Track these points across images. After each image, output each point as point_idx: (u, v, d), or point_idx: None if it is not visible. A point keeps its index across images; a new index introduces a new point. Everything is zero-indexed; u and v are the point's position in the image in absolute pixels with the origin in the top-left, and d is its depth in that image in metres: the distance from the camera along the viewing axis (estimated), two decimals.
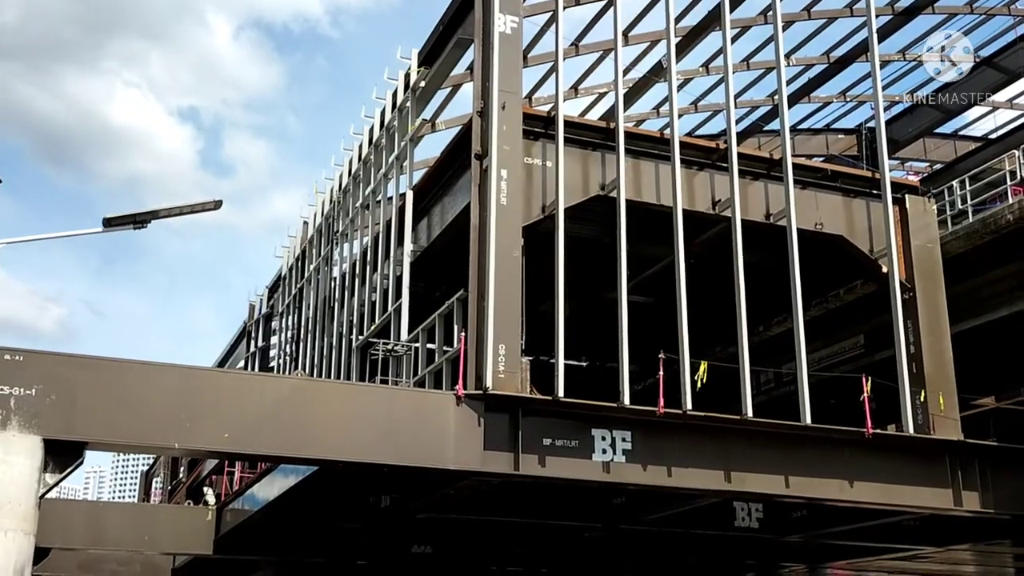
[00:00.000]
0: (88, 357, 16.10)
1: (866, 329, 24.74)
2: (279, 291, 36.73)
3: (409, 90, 22.70)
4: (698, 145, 21.84)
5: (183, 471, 46.06)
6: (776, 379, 25.51)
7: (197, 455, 29.59)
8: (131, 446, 17.87)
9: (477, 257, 18.23)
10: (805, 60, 34.20)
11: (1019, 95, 35.93)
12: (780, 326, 24.49)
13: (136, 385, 16.00)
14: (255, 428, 16.55)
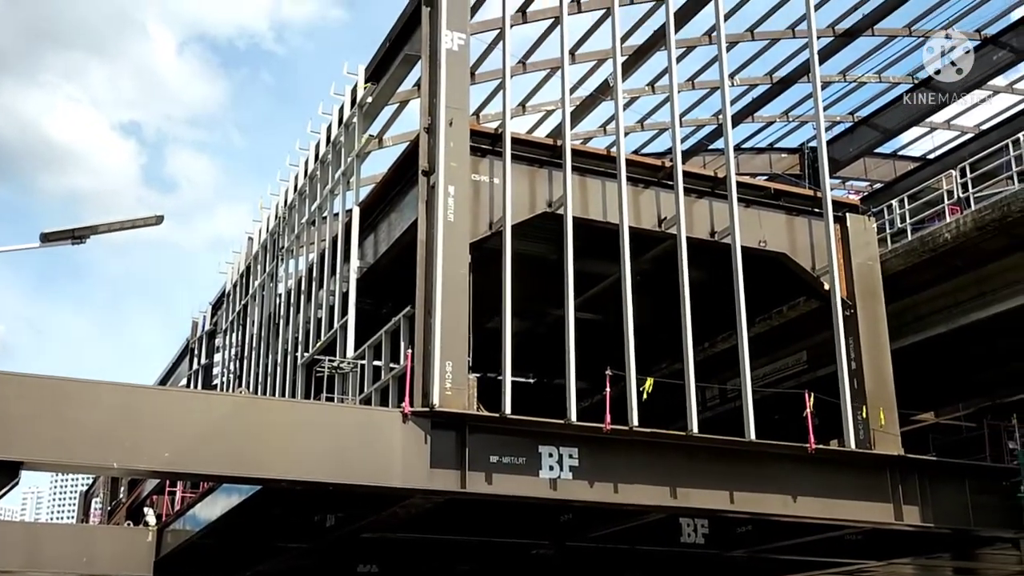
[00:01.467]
0: (24, 375, 15.75)
1: (809, 345, 25.05)
2: (223, 308, 36.28)
3: (356, 106, 22.61)
4: (644, 163, 22.02)
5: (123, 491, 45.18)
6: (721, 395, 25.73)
7: (137, 475, 29.04)
8: (69, 466, 17.56)
9: (424, 274, 18.16)
10: (749, 80, 34.68)
11: (955, 116, 36.76)
12: (725, 342, 24.76)
13: (74, 404, 15.69)
14: (197, 447, 16.30)
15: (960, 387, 29.34)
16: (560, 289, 19.08)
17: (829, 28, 31.69)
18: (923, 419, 29.53)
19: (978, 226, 22.30)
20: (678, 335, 19.80)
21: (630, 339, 19.14)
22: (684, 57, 30.28)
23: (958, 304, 24.26)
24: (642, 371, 19.08)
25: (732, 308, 20.46)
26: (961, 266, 23.62)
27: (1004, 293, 23.14)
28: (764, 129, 38.77)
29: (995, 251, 22.81)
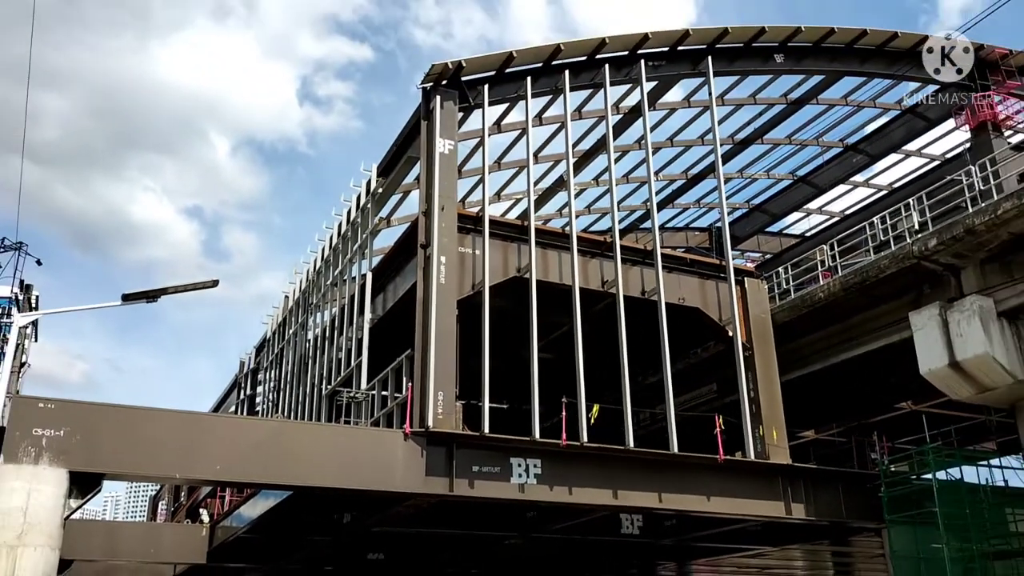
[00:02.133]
0: (106, 404, 15.49)
1: (718, 379, 25.01)
2: (264, 350, 35.89)
3: (370, 195, 22.67)
4: (591, 239, 22.13)
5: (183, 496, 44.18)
6: (651, 418, 25.60)
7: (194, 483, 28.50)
8: (141, 476, 17.16)
9: (421, 324, 18.10)
10: (669, 176, 34.98)
11: (826, 204, 37.20)
12: (654, 376, 24.66)
13: (145, 427, 15.45)
14: (242, 461, 16.05)
15: (834, 410, 29.39)
16: (526, 335, 19.06)
17: (729, 138, 32.13)
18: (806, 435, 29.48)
19: (844, 287, 22.48)
20: (618, 370, 19.79)
21: (580, 374, 19.10)
22: (620, 159, 30.59)
23: (831, 347, 24.35)
24: (590, 399, 19.01)
25: (659, 350, 20.50)
26: (832, 318, 23.78)
27: (866, 339, 23.27)
28: (681, 213, 38.96)
29: (858, 306, 22.98)
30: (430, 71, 20.15)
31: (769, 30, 24.65)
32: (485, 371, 18.18)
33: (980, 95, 26.57)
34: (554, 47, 21.93)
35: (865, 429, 28.13)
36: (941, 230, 19.98)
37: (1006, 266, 19.62)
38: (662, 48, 23.67)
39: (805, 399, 25.30)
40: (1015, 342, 19.35)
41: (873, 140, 32.79)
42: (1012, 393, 19.72)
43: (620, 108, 25.73)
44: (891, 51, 26.85)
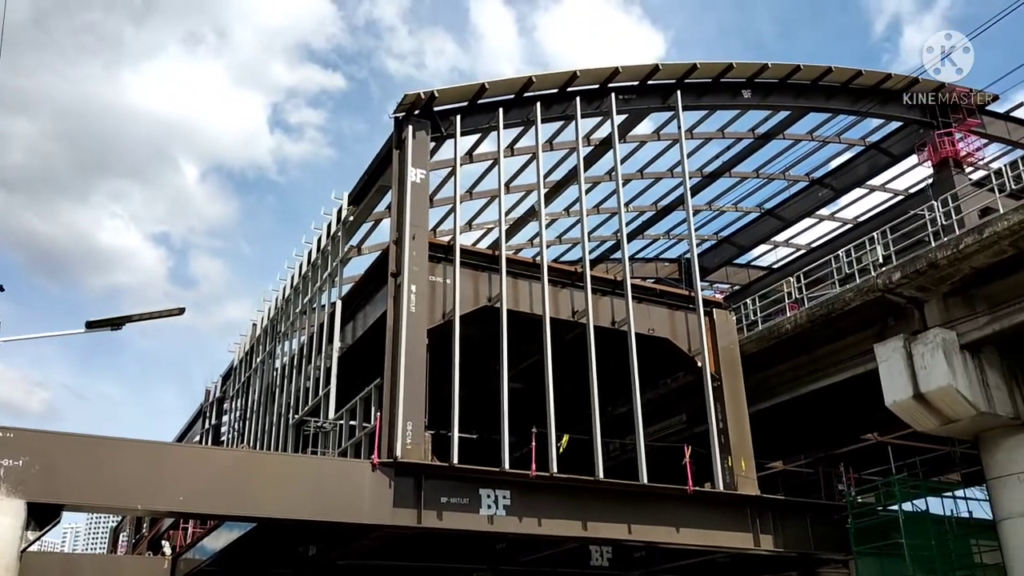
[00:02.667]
0: (67, 434, 15.10)
1: (687, 409, 25.10)
2: (231, 379, 35.38)
3: (340, 223, 22.59)
4: (561, 269, 22.21)
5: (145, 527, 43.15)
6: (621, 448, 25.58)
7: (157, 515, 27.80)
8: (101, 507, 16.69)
9: (391, 353, 17.98)
10: (640, 208, 35.31)
11: (792, 236, 37.72)
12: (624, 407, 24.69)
13: (106, 457, 15.10)
14: (206, 492, 15.72)
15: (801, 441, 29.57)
16: (497, 364, 19.00)
17: (698, 171, 32.55)
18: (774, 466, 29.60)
19: (810, 319, 22.75)
20: (588, 401, 19.77)
21: (550, 404, 19.04)
22: (591, 190, 30.85)
23: (798, 378, 24.57)
24: (560, 429, 18.95)
25: (629, 380, 20.53)
26: (799, 349, 24.02)
27: (832, 370, 23.52)
28: (651, 244, 39.28)
29: (824, 338, 23.25)
30: (403, 101, 20.24)
31: (737, 66, 25.12)
32: (455, 401, 18.07)
33: (941, 132, 27.25)
34: (526, 79, 22.15)
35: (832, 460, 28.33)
36: (905, 264, 20.33)
37: (968, 300, 19.99)
38: (632, 82, 24.02)
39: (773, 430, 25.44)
40: (977, 375, 19.67)
41: (838, 175, 33.40)
42: (975, 425, 20.00)
43: (591, 140, 26.01)
44: (855, 88, 27.48)
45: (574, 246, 36.54)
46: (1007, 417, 19.61)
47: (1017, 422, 19.75)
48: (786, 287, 25.93)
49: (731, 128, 29.79)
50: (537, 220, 22.97)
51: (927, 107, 28.09)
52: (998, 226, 18.09)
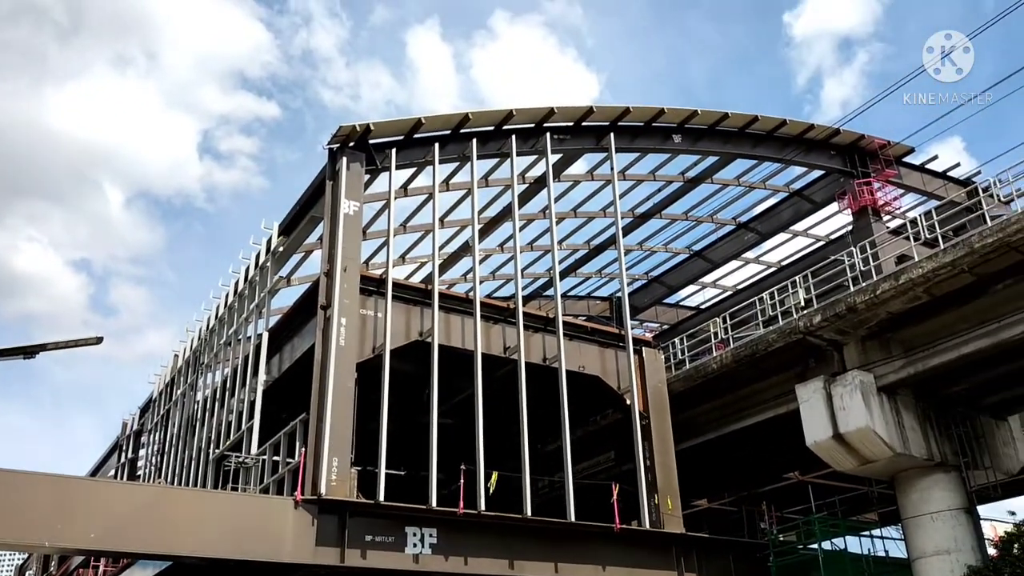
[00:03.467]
0: None
1: (616, 447, 25.20)
2: (150, 411, 34.15)
3: (270, 253, 22.19)
4: (494, 305, 22.23)
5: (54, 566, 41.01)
6: (550, 485, 25.49)
7: (66, 552, 26.48)
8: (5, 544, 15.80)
9: (318, 387, 17.63)
10: (572, 246, 35.64)
11: (719, 278, 38.55)
12: (553, 444, 24.64)
13: (12, 490, 14.29)
14: (119, 528, 15.02)
15: (726, 479, 29.97)
16: (427, 400, 18.79)
17: (630, 211, 33.08)
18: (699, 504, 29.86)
19: (735, 360, 23.18)
20: (518, 437, 19.69)
21: (480, 440, 18.90)
22: (525, 227, 31.04)
23: (723, 417, 24.95)
24: (490, 466, 18.80)
25: (559, 417, 20.53)
26: (725, 389, 24.43)
27: (756, 409, 23.97)
28: (584, 282, 39.61)
29: (748, 378, 23.70)
30: (337, 132, 20.12)
31: (668, 111, 25.78)
32: (383, 436, 17.77)
33: (861, 181, 28.38)
34: (463, 116, 22.29)
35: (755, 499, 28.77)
36: (825, 307, 20.96)
37: (885, 343, 20.69)
38: (567, 122, 24.41)
39: (699, 468, 25.72)
40: (894, 416, 20.30)
41: (763, 219, 34.40)
42: (892, 465, 20.58)
43: (526, 178, 26.25)
44: (780, 136, 28.46)
45: (507, 282, 36.64)
46: (921, 458, 20.25)
47: (931, 463, 20.42)
48: (713, 327, 26.40)
49: (662, 171, 30.45)
50: (471, 255, 22.99)
51: (848, 157, 29.28)
52: (913, 273, 18.84)
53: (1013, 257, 17.54)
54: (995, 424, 22.69)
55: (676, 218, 34.55)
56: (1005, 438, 22.75)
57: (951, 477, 20.59)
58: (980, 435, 21.99)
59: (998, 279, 18.28)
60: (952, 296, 18.94)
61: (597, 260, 37.06)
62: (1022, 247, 17.25)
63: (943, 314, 19.45)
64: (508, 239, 32.15)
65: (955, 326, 19.35)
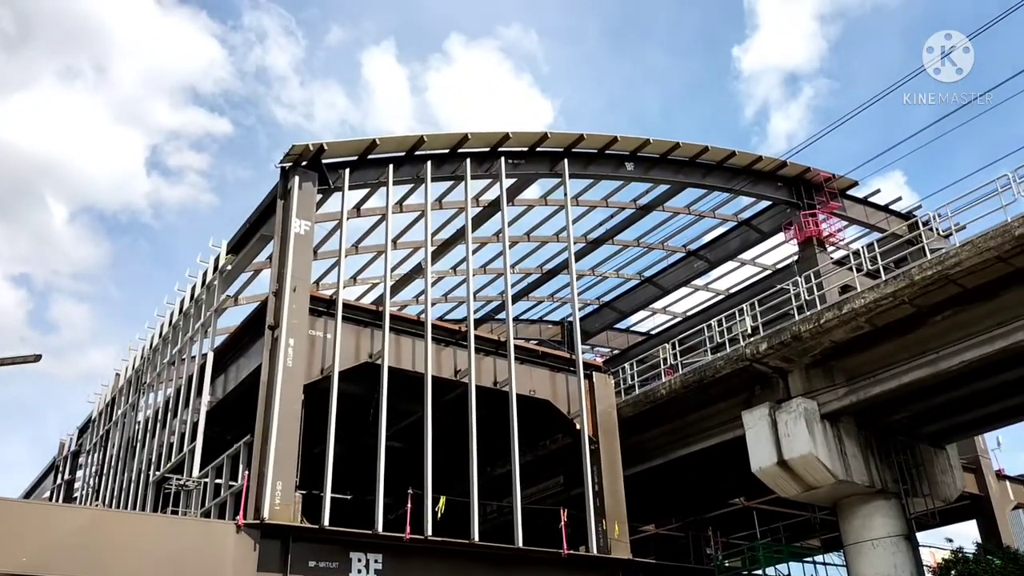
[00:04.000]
0: None
1: (565, 471, 25.20)
2: (89, 432, 33.12)
3: (217, 271, 21.80)
4: (446, 327, 22.13)
5: None
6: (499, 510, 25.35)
7: None
8: None
9: (264, 408, 17.30)
10: (525, 270, 35.70)
11: (669, 304, 38.95)
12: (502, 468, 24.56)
13: None
14: (52, 553, 14.44)
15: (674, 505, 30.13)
16: (375, 422, 18.57)
17: (583, 236, 33.34)
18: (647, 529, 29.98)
19: (684, 385, 23.42)
20: (467, 461, 19.55)
21: (428, 464, 18.71)
22: (478, 250, 31.05)
23: (671, 442, 25.14)
24: (438, 490, 18.60)
25: (508, 441, 20.46)
26: (673, 414, 24.63)
27: (702, 436, 24.21)
28: (536, 306, 39.65)
29: (696, 404, 23.95)
30: (290, 151, 19.95)
31: (621, 139, 26.12)
32: (329, 460, 17.49)
33: (806, 213, 29.05)
34: (417, 138, 22.29)
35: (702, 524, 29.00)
36: (771, 335, 21.32)
37: (828, 371, 21.11)
38: (522, 147, 24.56)
39: (647, 493, 25.83)
40: (836, 444, 20.67)
41: (712, 247, 34.96)
42: (834, 492, 20.92)
43: (480, 201, 26.29)
44: (730, 167, 29.02)
45: (459, 305, 36.53)
46: (863, 485, 20.63)
47: (872, 490, 20.81)
48: (662, 353, 26.64)
49: (615, 198, 30.78)
50: (423, 277, 22.90)
51: (794, 188, 29.97)
52: (856, 303, 19.29)
53: (951, 289, 18.09)
54: (934, 452, 23.26)
55: (628, 244, 34.89)
56: (943, 466, 23.32)
57: (891, 504, 21.00)
58: (919, 463, 22.50)
59: (937, 310, 18.81)
60: (893, 326, 19.42)
61: (549, 284, 37.20)
62: (960, 280, 17.80)
63: (885, 344, 19.93)
64: (461, 262, 32.10)
65: (896, 356, 19.83)
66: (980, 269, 17.40)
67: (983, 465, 29.13)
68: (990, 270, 17.40)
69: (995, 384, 20.65)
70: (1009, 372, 19.92)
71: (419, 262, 29.74)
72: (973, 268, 17.40)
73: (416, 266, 30.58)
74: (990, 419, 24.01)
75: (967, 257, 17.32)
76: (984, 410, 22.75)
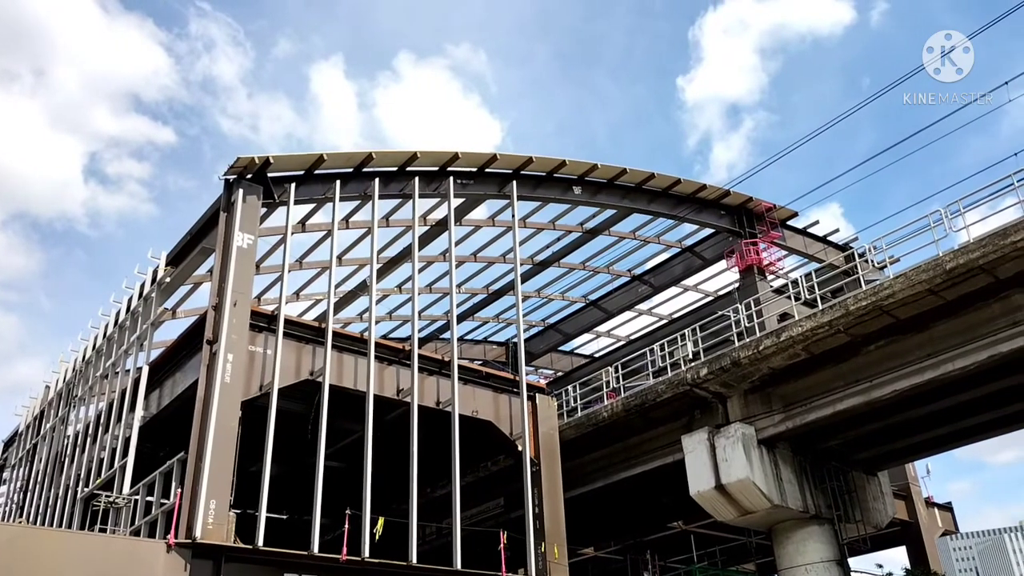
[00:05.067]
0: None
1: (506, 493, 25.10)
2: (14, 445, 31.86)
3: (155, 283, 21.27)
4: (389, 346, 21.92)
5: None
6: (438, 532, 25.09)
7: None
8: None
9: (199, 425, 16.85)
10: (471, 290, 35.70)
11: (614, 328, 39.30)
12: (443, 489, 24.36)
13: None
14: None
15: (613, 528, 30.22)
16: (315, 441, 18.26)
17: (529, 258, 33.47)
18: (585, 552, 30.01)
19: (626, 409, 23.59)
20: (407, 482, 19.32)
21: (368, 484, 18.44)
22: (425, 269, 30.94)
23: (612, 465, 25.26)
24: (377, 511, 18.34)
25: (449, 462, 20.30)
26: (615, 437, 24.76)
27: (644, 459, 24.38)
28: (481, 326, 39.67)
29: (638, 427, 24.13)
30: (235, 163, 19.65)
31: (569, 164, 26.38)
32: (265, 478, 17.12)
33: (748, 241, 29.67)
34: (366, 155, 22.17)
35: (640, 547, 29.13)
36: (711, 361, 21.64)
37: (767, 397, 21.49)
38: (471, 168, 24.61)
39: (587, 516, 25.86)
40: (772, 469, 21.02)
41: (657, 273, 35.44)
42: (770, 517, 21.24)
43: (428, 220, 26.22)
44: (675, 194, 29.52)
45: (404, 323, 36.29)
46: (797, 510, 20.99)
47: (806, 515, 21.18)
48: (605, 376, 26.80)
49: (562, 221, 31.02)
50: (368, 295, 22.68)
51: (736, 217, 30.60)
52: (793, 331, 19.71)
53: (885, 320, 18.62)
54: (867, 479, 23.81)
55: (574, 267, 35.16)
56: (875, 492, 23.89)
57: (825, 530, 21.41)
58: (852, 489, 23.01)
59: (871, 340, 19.33)
60: (829, 354, 19.90)
61: (495, 305, 37.22)
62: (894, 311, 18.34)
63: (821, 371, 20.39)
64: (407, 280, 31.94)
65: (831, 383, 20.29)
66: (912, 301, 17.95)
67: (913, 492, 29.94)
68: (922, 302, 17.97)
69: (925, 413, 21.28)
70: (939, 402, 20.56)
71: (364, 279, 29.47)
72: (906, 300, 17.95)
73: (361, 283, 30.29)
74: (920, 447, 24.70)
75: (900, 289, 17.86)
76: (915, 438, 23.41)
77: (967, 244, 17.12)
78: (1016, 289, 17.26)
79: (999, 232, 16.60)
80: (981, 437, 24.55)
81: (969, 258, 16.87)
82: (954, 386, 19.37)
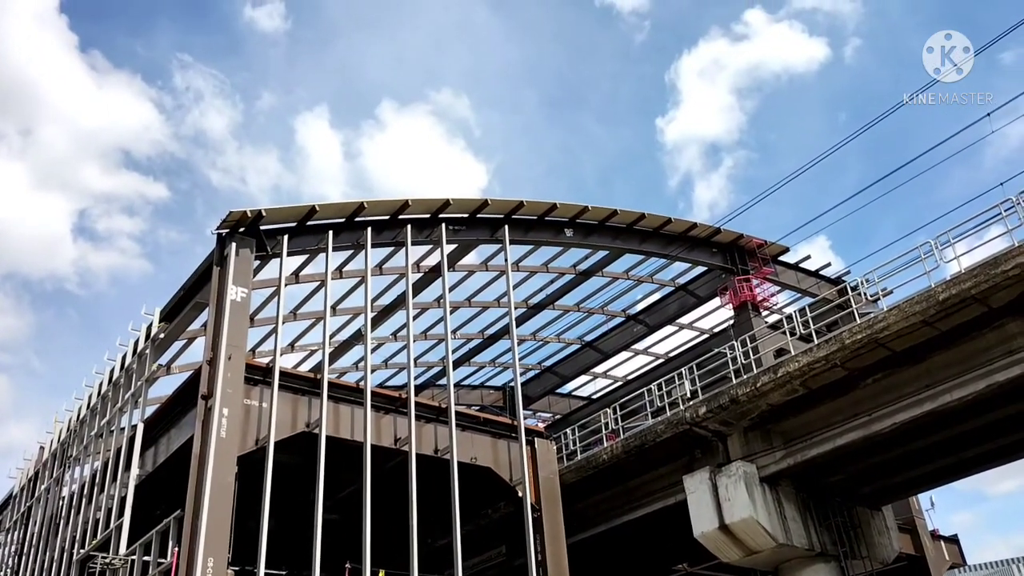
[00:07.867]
0: None
1: (508, 541, 24.76)
2: (8, 509, 31.39)
3: (149, 340, 21.19)
4: (385, 394, 21.78)
5: None
6: None
7: None
8: None
9: (195, 482, 16.64)
10: (467, 335, 35.64)
11: (610, 368, 39.19)
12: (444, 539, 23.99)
13: None
14: None
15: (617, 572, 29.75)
16: (312, 494, 18.02)
17: (524, 302, 33.48)
18: None
19: (625, 450, 23.41)
20: (407, 532, 19.04)
21: (367, 537, 18.15)
22: (419, 316, 30.93)
23: (614, 508, 24.98)
24: (377, 563, 18.05)
25: (450, 510, 20.04)
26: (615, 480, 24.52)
27: (646, 501, 24.13)
28: (477, 371, 39.51)
29: (638, 469, 23.93)
30: (227, 217, 19.71)
31: (560, 206, 26.54)
32: (263, 534, 16.85)
33: (741, 278, 29.76)
34: (357, 204, 22.28)
35: None
36: (709, 399, 21.55)
37: (766, 434, 21.36)
38: (462, 214, 24.73)
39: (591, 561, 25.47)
40: (776, 507, 20.81)
41: (651, 312, 35.45)
42: (776, 556, 20.96)
43: (421, 267, 26.27)
44: (666, 234, 29.65)
45: (400, 371, 36.12)
46: (803, 548, 20.73)
47: (812, 553, 20.92)
48: (604, 418, 26.63)
49: (555, 263, 31.11)
50: (363, 344, 22.59)
51: (728, 254, 30.74)
52: (790, 367, 19.68)
53: (881, 353, 18.61)
54: (871, 514, 23.58)
55: (568, 309, 35.16)
56: (880, 527, 23.63)
57: (831, 567, 21.13)
58: (857, 525, 22.77)
59: (868, 373, 19.30)
60: (827, 389, 19.83)
61: (491, 350, 37.12)
62: (889, 343, 18.34)
63: (819, 406, 20.31)
64: (401, 328, 31.85)
65: (830, 418, 20.20)
66: (907, 333, 17.97)
67: (918, 526, 29.59)
68: (917, 333, 17.98)
69: (926, 445, 21.16)
70: (938, 433, 20.46)
71: (359, 328, 29.39)
72: (901, 332, 17.96)
73: (356, 332, 30.21)
74: (923, 480, 24.52)
75: (895, 321, 17.89)
76: (916, 471, 23.25)
77: (959, 274, 17.20)
78: (1010, 318, 17.31)
79: (990, 261, 16.70)
80: (982, 468, 24.41)
81: (961, 288, 16.94)
82: (953, 416, 19.30)
